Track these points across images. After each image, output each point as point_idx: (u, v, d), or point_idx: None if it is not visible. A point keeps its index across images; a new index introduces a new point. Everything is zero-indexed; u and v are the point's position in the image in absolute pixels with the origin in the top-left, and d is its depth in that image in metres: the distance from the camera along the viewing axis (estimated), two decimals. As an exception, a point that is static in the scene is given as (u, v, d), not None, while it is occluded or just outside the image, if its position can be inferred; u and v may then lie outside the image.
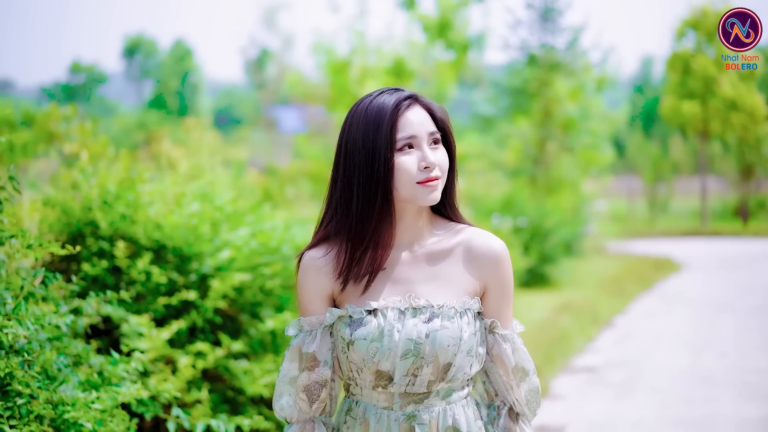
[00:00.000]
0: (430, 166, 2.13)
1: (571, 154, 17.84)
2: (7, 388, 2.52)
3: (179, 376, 3.90)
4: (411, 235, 2.23)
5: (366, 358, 2.14)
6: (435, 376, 2.15)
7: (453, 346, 2.13)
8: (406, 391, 2.16)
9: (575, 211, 16.56)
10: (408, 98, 2.18)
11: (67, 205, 4.36)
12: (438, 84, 15.13)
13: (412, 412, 2.17)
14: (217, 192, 4.87)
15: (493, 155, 19.75)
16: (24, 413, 2.52)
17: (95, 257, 4.21)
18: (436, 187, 2.15)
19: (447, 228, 2.27)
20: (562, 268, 13.58)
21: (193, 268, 4.33)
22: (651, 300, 12.11)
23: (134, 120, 40.26)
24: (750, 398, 6.68)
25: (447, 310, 2.15)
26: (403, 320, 2.14)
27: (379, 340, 2.13)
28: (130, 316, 3.92)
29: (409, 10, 14.94)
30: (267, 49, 32.75)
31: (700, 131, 24.77)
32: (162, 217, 4.33)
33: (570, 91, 17.46)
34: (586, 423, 6.17)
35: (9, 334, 2.53)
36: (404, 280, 2.20)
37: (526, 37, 18.75)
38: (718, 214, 26.76)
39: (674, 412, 6.38)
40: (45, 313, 2.80)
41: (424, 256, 2.22)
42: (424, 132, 2.16)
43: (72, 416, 2.66)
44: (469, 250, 2.23)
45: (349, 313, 2.17)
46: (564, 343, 8.66)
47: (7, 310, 2.66)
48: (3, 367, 2.47)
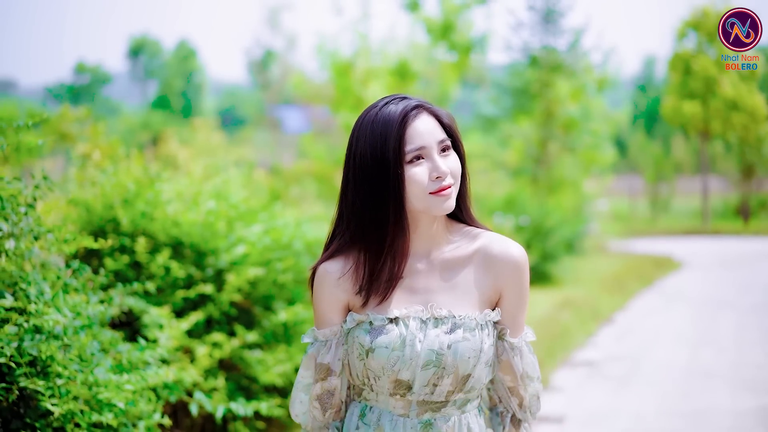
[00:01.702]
0: (441, 176, 2.10)
1: (572, 154, 18.04)
2: (48, 370, 2.74)
3: (197, 364, 4.13)
4: (427, 244, 2.20)
5: (386, 367, 2.12)
6: (454, 387, 2.14)
7: (473, 358, 2.12)
8: (425, 400, 2.15)
9: (576, 210, 16.75)
10: (415, 108, 2.14)
11: (89, 204, 4.59)
12: (441, 85, 15.31)
13: (428, 420, 2.16)
14: (231, 191, 5.09)
15: (495, 155, 19.94)
16: (63, 393, 2.74)
17: (117, 253, 4.44)
18: (449, 196, 2.12)
19: (463, 233, 2.24)
20: (563, 266, 13.78)
21: (209, 263, 4.55)
22: (651, 297, 12.31)
23: (139, 120, 40.44)
24: (746, 391, 6.89)
25: (469, 321, 2.14)
26: (425, 330, 2.12)
27: (401, 349, 2.11)
28: (151, 308, 4.14)
29: (413, 12, 15.14)
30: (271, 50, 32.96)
31: (701, 131, 24.95)
32: (180, 214, 4.56)
33: (571, 91, 17.66)
34: (585, 414, 6.38)
35: (50, 320, 2.74)
36: (422, 289, 2.18)
37: (528, 38, 18.96)
38: (719, 214, 26.93)
39: (671, 404, 6.59)
40: (78, 303, 3.02)
41: (441, 265, 2.20)
42: (433, 141, 2.13)
43: (105, 397, 2.88)
44: (488, 257, 2.20)
45: (370, 319, 2.15)
46: (564, 338, 8.86)
47: (45, 299, 2.87)
48: (45, 350, 2.69)
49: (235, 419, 4.42)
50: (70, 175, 5.61)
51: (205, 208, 4.64)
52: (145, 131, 35.08)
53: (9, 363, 2.63)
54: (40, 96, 52.78)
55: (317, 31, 14.90)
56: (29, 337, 2.73)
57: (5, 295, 2.80)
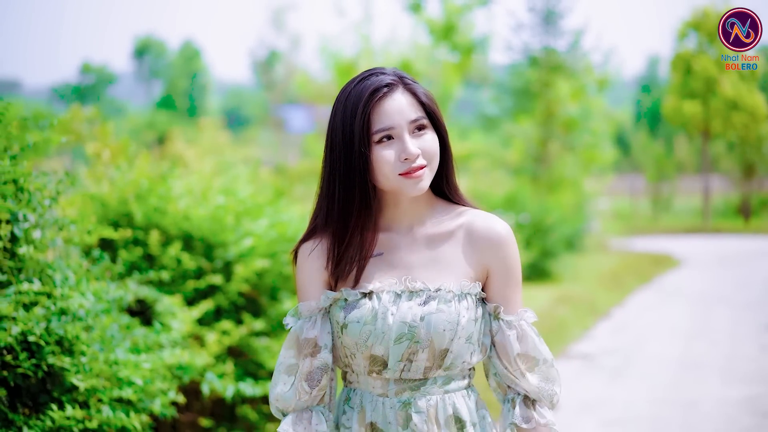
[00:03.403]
0: (410, 158, 2.05)
1: (572, 153, 18.27)
2: (73, 348, 2.99)
3: (207, 350, 4.38)
4: (410, 219, 2.16)
5: (359, 342, 2.08)
6: (431, 363, 2.08)
7: (449, 331, 2.05)
8: (402, 377, 2.09)
9: (577, 208, 16.97)
10: (387, 85, 2.08)
11: (104, 199, 4.84)
12: (444, 85, 15.53)
13: (408, 399, 2.10)
14: (239, 187, 5.34)
15: (496, 154, 20.17)
16: (87, 370, 2.99)
17: (131, 245, 4.69)
18: (421, 177, 2.07)
19: (448, 210, 2.19)
20: (562, 263, 14.01)
21: (218, 255, 4.80)
22: (649, 293, 12.55)
23: (144, 120, 40.70)
24: (735, 382, 7.12)
25: (444, 293, 2.08)
26: (399, 303, 2.07)
27: (372, 323, 2.07)
28: (164, 297, 4.39)
29: (415, 14, 15.37)
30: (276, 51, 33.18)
31: (702, 131, 25.17)
32: (190, 209, 4.80)
33: (571, 91, 17.89)
34: (579, 403, 6.62)
35: (74, 303, 2.99)
36: (403, 264, 2.13)
37: (529, 39, 19.19)
38: (720, 213, 27.12)
39: (662, 393, 6.82)
40: (100, 289, 3.27)
41: (424, 240, 2.15)
42: (404, 121, 2.07)
43: (125, 375, 3.13)
44: (471, 232, 2.15)
45: (344, 296, 2.11)
46: (561, 332, 9.10)
47: (70, 284, 3.12)
48: (70, 330, 2.94)
49: (243, 402, 4.68)
50: (79, 173, 5.86)
51: (214, 203, 4.89)
52: (150, 131, 35.35)
53: (39, 341, 2.87)
54: (45, 96, 53.09)
55: (321, 32, 15.14)
56: (56, 318, 2.97)
57: (33, 280, 3.04)
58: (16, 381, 2.91)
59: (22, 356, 2.83)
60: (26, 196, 3.13)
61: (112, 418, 2.99)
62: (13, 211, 3.02)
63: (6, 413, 2.86)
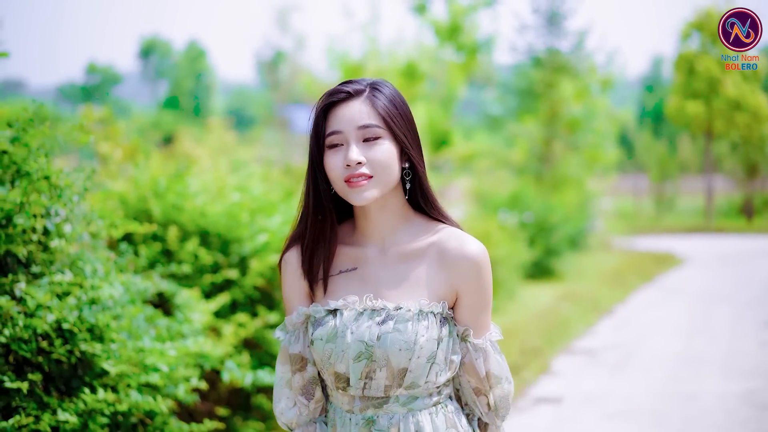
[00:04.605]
0: (350, 164, 2.02)
1: (576, 152, 18.45)
2: (103, 335, 3.17)
3: (224, 341, 4.56)
4: (382, 233, 2.14)
5: (323, 359, 2.09)
6: (391, 381, 2.06)
7: (406, 351, 2.02)
8: (365, 395, 2.08)
9: (580, 207, 17.15)
10: (347, 92, 2.07)
11: (123, 196, 5.02)
12: (448, 85, 15.72)
13: (371, 416, 2.09)
14: (253, 185, 5.52)
15: (501, 153, 20.35)
16: (117, 356, 3.17)
17: (149, 240, 4.87)
18: (362, 186, 2.03)
19: (426, 227, 2.15)
20: (566, 262, 14.19)
21: (234, 250, 4.98)
22: (651, 291, 12.71)
23: (149, 120, 40.91)
24: (733, 376, 7.29)
25: (404, 312, 2.05)
26: (359, 321, 2.06)
27: (333, 340, 2.07)
28: (182, 290, 4.57)
29: (421, 15, 15.55)
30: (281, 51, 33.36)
31: (705, 131, 25.33)
32: (207, 206, 4.99)
33: (575, 92, 18.07)
34: (581, 396, 6.80)
35: (105, 293, 3.17)
36: (373, 280, 2.11)
37: (533, 40, 19.37)
38: (723, 212, 27.25)
39: (663, 387, 6.99)
40: (127, 280, 3.45)
41: (397, 256, 2.12)
42: (351, 127, 2.04)
43: (151, 362, 3.31)
44: (443, 252, 2.10)
45: (312, 312, 2.12)
46: (565, 328, 9.28)
47: (99, 275, 3.30)
48: (102, 318, 3.12)
49: (258, 392, 4.86)
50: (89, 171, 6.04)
51: (230, 200, 5.08)
52: (156, 131, 35.57)
53: (72, 329, 3.05)
54: (50, 96, 53.34)
55: (327, 33, 15.33)
56: (87, 307, 3.16)
57: (65, 271, 3.22)
58: (50, 366, 3.09)
59: (57, 342, 3.02)
60: (57, 192, 3.31)
61: (140, 402, 3.17)
62: (47, 207, 3.20)
63: (41, 396, 3.04)
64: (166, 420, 3.41)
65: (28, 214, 3.09)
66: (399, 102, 2.09)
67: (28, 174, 3.14)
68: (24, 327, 2.95)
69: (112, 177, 6.22)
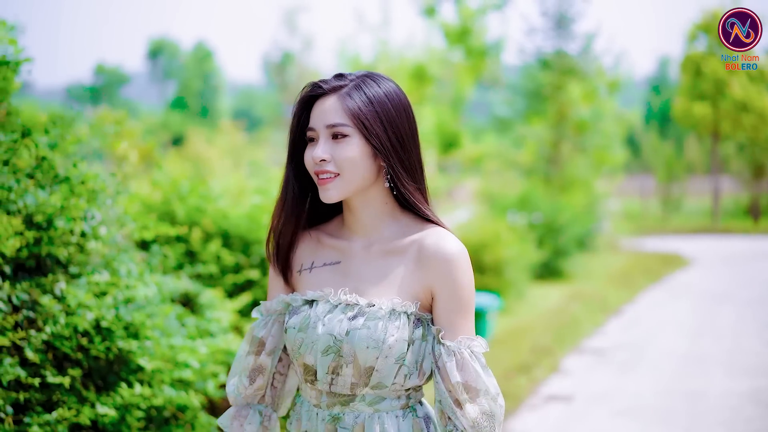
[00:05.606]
0: (314, 160, 2.02)
1: (584, 154, 18.57)
2: (139, 333, 3.33)
3: (247, 339, 4.72)
4: (365, 228, 2.12)
5: (294, 348, 2.09)
6: (357, 379, 2.03)
7: (373, 349, 1.99)
8: (332, 391, 2.07)
9: (588, 208, 17.27)
10: (321, 88, 2.06)
11: (146, 199, 5.18)
12: (457, 87, 15.88)
13: (337, 414, 2.08)
14: (273, 186, 5.68)
15: (509, 155, 20.48)
16: (152, 353, 3.33)
17: (173, 241, 5.03)
18: (328, 185, 2.03)
19: (413, 225, 2.11)
20: (574, 262, 14.32)
21: (254, 251, 5.14)
22: (658, 291, 12.85)
23: (157, 121, 41.09)
24: (740, 374, 7.43)
25: (376, 310, 2.02)
26: (331, 314, 2.05)
27: (304, 330, 2.07)
28: (206, 290, 4.73)
29: (430, 18, 15.71)
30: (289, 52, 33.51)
31: (712, 132, 25.43)
32: (228, 208, 5.15)
33: (583, 94, 18.19)
34: (591, 394, 6.94)
35: (140, 293, 3.34)
36: (354, 274, 2.10)
37: (541, 43, 19.48)
38: (730, 213, 27.35)
39: (670, 385, 7.14)
40: (159, 281, 3.61)
41: (380, 253, 2.10)
42: (321, 124, 2.03)
43: (183, 358, 3.47)
44: (421, 249, 2.06)
45: (290, 301, 2.14)
46: (574, 328, 9.42)
47: (134, 275, 3.47)
48: (137, 317, 3.28)
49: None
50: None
51: (250, 202, 5.24)
52: (165, 131, 35.76)
53: (110, 327, 3.21)
54: (57, 97, 53.56)
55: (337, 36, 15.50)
56: (123, 306, 3.31)
57: (102, 272, 3.38)
58: (89, 362, 3.25)
59: (96, 340, 3.17)
60: (94, 195, 3.47)
61: (174, 397, 3.33)
62: (84, 210, 3.36)
63: (80, 391, 3.20)
64: (196, 414, 3.57)
65: (68, 218, 3.25)
66: (381, 100, 2.04)
67: (67, 179, 3.30)
68: (65, 325, 3.10)
69: (127, 178, 6.38)
